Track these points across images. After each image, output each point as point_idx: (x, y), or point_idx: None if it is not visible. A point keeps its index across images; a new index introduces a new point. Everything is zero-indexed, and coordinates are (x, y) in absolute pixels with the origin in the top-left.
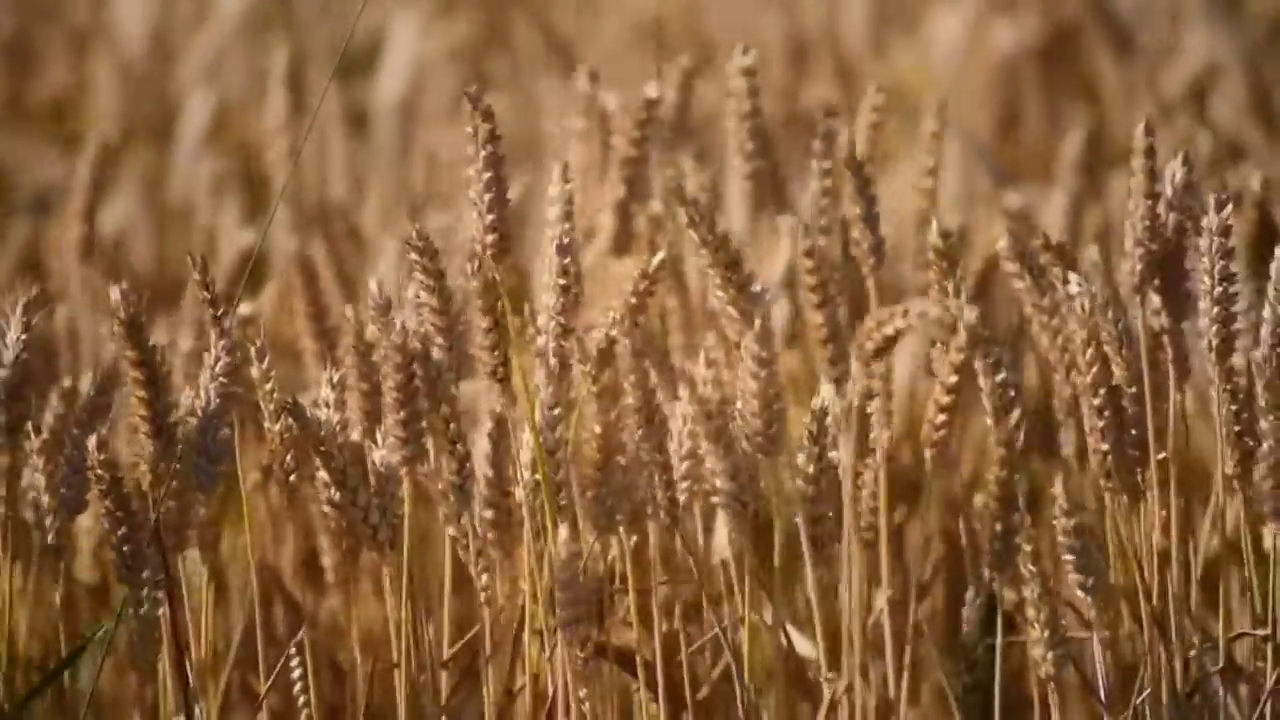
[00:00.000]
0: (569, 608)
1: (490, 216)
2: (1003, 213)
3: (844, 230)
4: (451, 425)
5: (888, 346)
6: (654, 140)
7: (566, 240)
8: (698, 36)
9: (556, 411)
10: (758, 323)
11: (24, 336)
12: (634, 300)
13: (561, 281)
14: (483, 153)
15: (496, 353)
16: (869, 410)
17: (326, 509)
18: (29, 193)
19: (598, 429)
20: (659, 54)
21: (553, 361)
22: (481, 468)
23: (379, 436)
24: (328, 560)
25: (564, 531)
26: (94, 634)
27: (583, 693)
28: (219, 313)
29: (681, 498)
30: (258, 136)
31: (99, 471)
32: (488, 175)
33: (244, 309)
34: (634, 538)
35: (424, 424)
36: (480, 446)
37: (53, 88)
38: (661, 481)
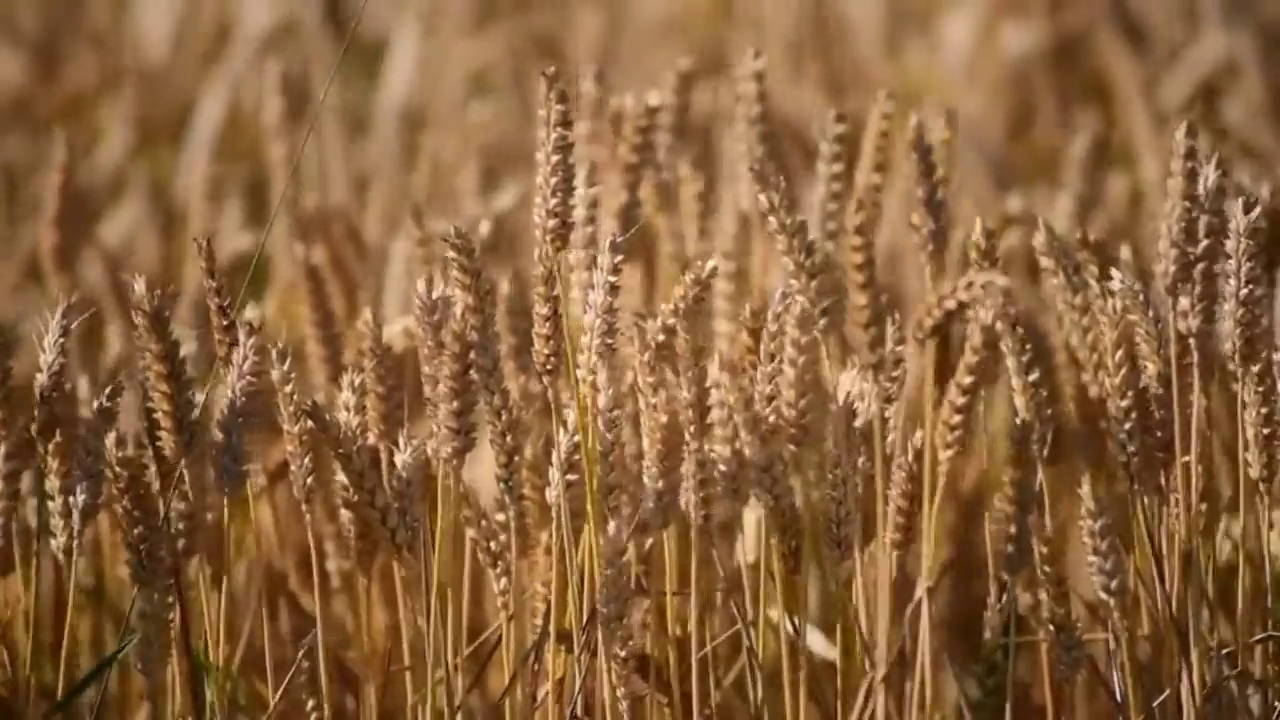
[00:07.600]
0: (612, 604)
1: (554, 201)
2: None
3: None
4: (504, 416)
5: (947, 322)
6: (657, 145)
7: (620, 239)
8: (721, 40)
9: (615, 413)
10: (797, 308)
11: (62, 341)
12: (684, 305)
13: (612, 279)
14: (553, 136)
15: (551, 343)
16: (887, 412)
17: (344, 511)
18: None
19: (657, 426)
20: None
21: (596, 360)
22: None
23: (399, 440)
24: (332, 565)
25: (613, 526)
26: (122, 646)
27: (621, 692)
28: (225, 304)
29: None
30: (264, 140)
31: (117, 469)
32: (556, 159)
33: (249, 313)
34: (649, 540)
35: (474, 418)
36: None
37: (72, 88)
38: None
